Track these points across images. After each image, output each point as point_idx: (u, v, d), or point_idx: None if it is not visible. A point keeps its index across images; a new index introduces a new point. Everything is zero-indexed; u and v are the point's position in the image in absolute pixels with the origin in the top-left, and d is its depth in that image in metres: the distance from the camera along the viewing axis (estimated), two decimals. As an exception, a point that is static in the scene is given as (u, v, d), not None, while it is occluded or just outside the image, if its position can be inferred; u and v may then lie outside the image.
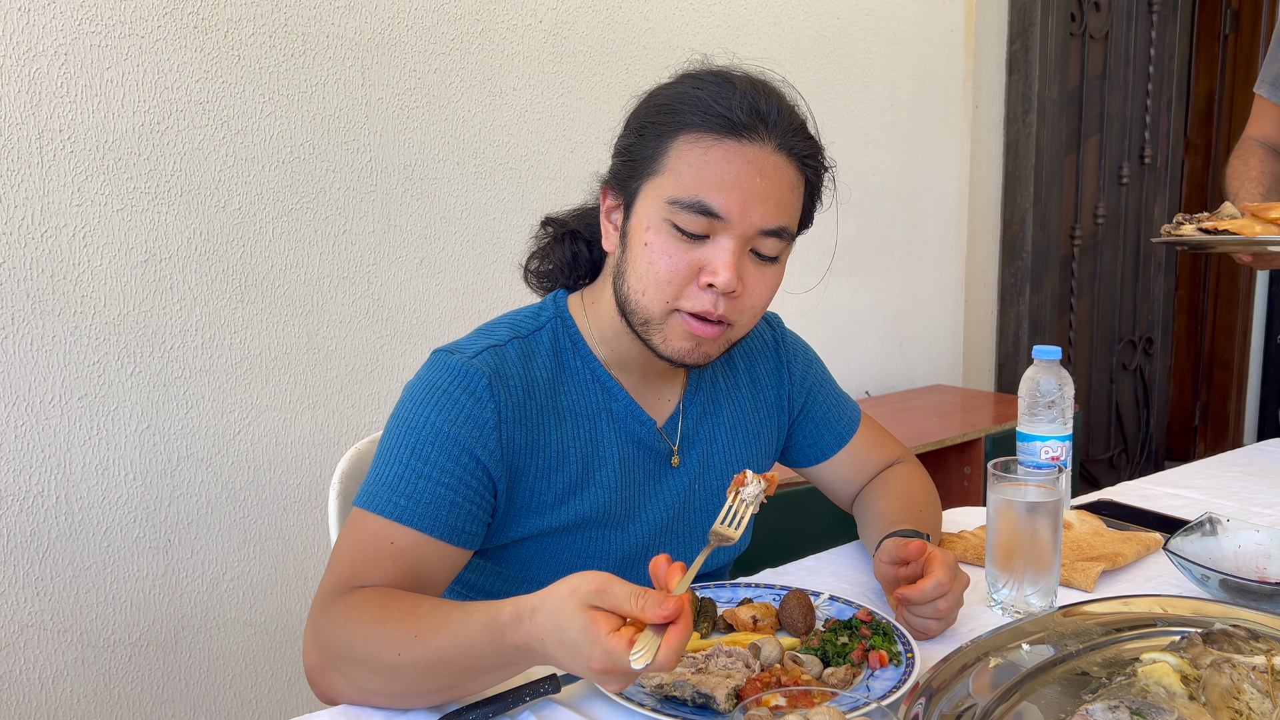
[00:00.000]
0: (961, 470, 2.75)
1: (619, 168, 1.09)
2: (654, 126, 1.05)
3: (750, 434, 1.27)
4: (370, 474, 1.05)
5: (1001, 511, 1.13)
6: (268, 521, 1.97)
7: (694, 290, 1.04)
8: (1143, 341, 4.15)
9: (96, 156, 1.72)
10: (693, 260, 1.03)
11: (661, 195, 1.03)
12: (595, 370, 1.14)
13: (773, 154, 1.04)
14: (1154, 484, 1.66)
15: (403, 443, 1.04)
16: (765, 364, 1.30)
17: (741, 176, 1.02)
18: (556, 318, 1.16)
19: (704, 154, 1.02)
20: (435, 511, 1.02)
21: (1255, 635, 0.97)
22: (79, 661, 1.77)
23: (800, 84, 2.29)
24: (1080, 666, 0.99)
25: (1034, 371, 1.41)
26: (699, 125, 1.03)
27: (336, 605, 0.97)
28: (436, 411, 1.04)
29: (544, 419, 1.10)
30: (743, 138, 1.02)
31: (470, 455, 1.04)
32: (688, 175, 1.02)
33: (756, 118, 1.03)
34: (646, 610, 0.76)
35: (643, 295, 1.05)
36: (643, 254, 1.04)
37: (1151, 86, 3.92)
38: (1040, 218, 3.50)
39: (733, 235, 1.02)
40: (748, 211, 1.02)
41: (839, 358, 3.06)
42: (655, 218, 1.04)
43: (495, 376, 1.06)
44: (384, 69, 2.03)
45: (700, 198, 1.01)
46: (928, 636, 1.08)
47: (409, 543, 1.01)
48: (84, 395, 1.74)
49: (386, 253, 2.07)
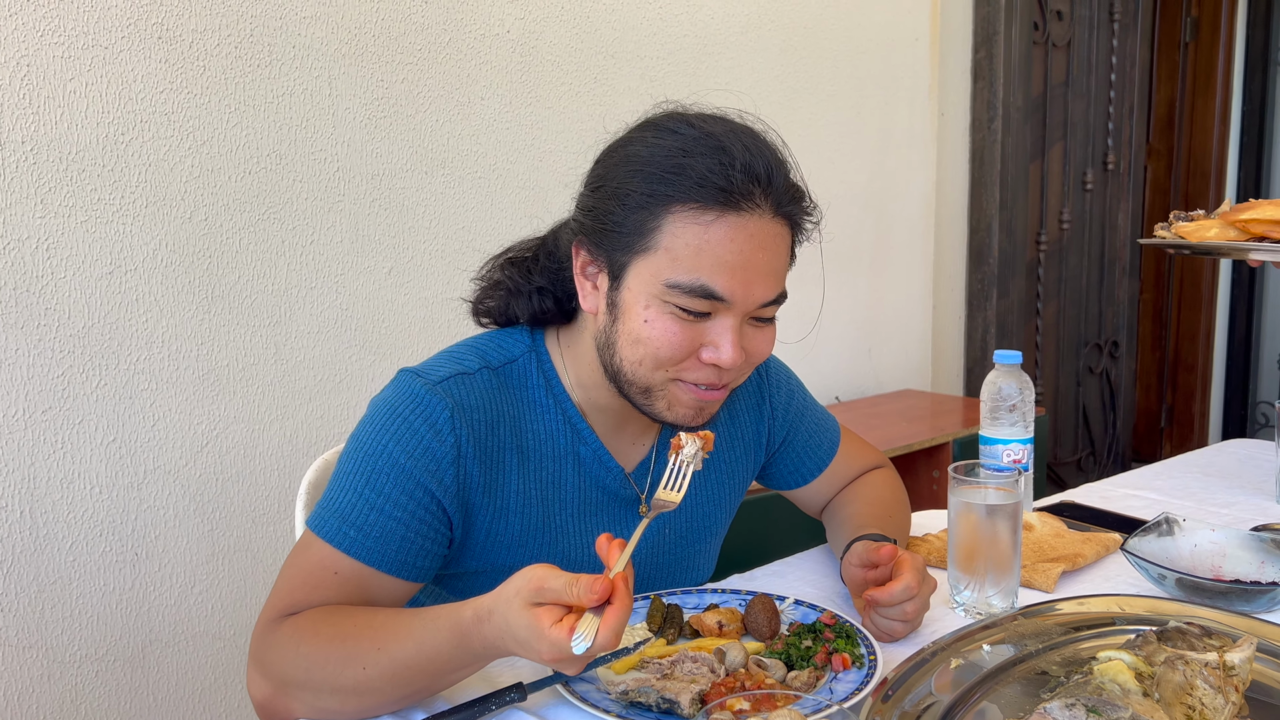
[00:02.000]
0: (930, 474, 2.78)
1: (598, 233, 1.01)
2: (640, 197, 0.98)
3: (723, 474, 1.25)
4: (325, 494, 1.03)
5: (962, 514, 1.15)
6: (236, 534, 1.96)
7: (695, 364, 1.01)
8: (1108, 345, 4.21)
9: (60, 168, 1.70)
10: (694, 336, 0.99)
11: (658, 276, 0.97)
12: (567, 411, 1.10)
13: (770, 222, 0.98)
14: (1115, 485, 1.69)
15: (359, 469, 1.01)
16: (746, 399, 1.27)
17: (744, 254, 0.96)
18: (532, 351, 1.11)
19: (703, 232, 0.95)
20: (384, 546, 0.99)
21: (1209, 632, 0.99)
22: (44, 678, 1.75)
23: (768, 93, 2.31)
24: (1040, 666, 1.00)
25: (995, 376, 1.43)
26: (693, 198, 0.95)
27: (283, 629, 0.96)
28: (394, 441, 1.01)
29: (506, 457, 1.06)
30: (741, 210, 0.96)
31: (425, 490, 1.00)
32: (686, 257, 0.96)
33: (753, 184, 0.97)
34: (581, 597, 0.79)
35: (639, 367, 1.01)
36: (642, 330, 0.99)
37: (1114, 94, 3.98)
38: (1006, 224, 3.55)
39: (735, 314, 0.99)
40: (750, 290, 0.98)
41: (809, 364, 3.08)
42: (653, 298, 0.98)
43: (458, 408, 1.02)
44: (351, 79, 2.03)
45: (703, 282, 0.96)
46: (892, 639, 1.09)
47: (353, 574, 0.99)
48: (48, 409, 1.73)
49: (354, 263, 2.07)
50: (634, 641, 1.02)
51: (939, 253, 3.52)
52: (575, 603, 0.80)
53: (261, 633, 0.98)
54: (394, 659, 0.90)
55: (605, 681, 0.97)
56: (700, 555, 1.25)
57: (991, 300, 3.53)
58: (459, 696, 0.98)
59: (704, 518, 1.23)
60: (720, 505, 1.25)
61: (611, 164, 1.02)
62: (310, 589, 0.99)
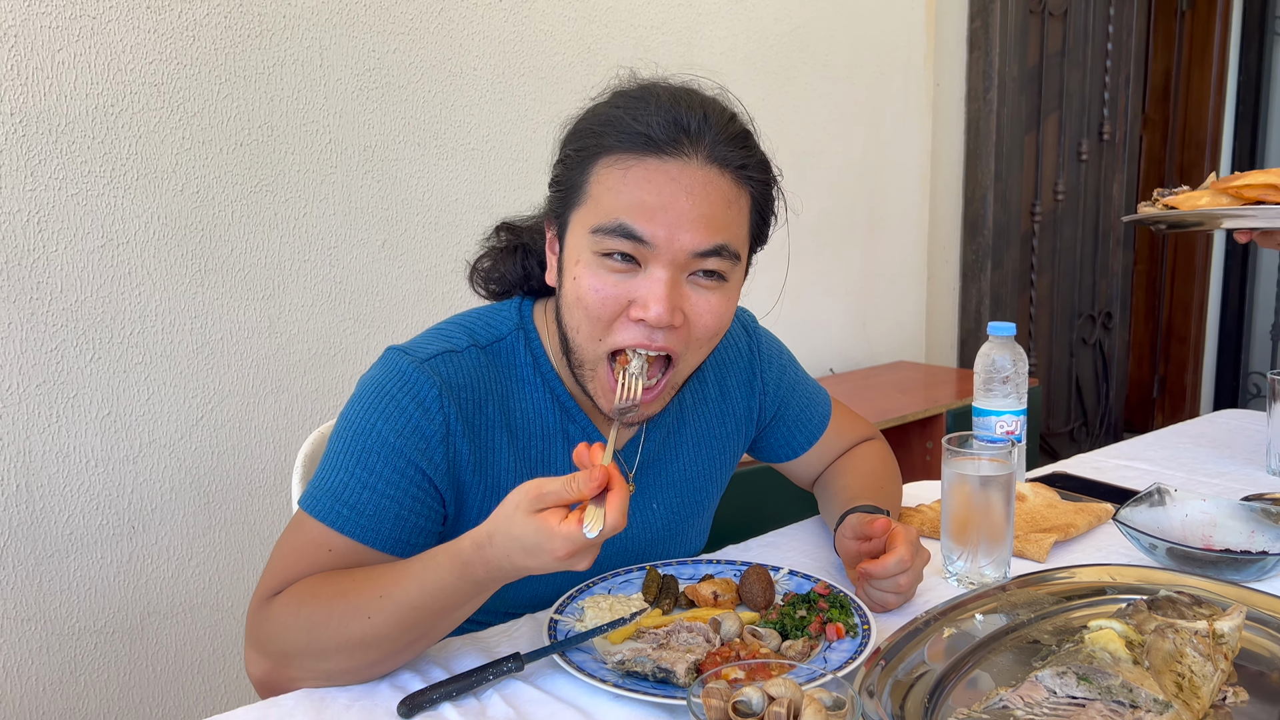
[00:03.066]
0: (924, 445, 2.79)
1: (553, 199, 1.04)
2: (577, 154, 0.99)
3: (714, 449, 1.25)
4: (316, 474, 1.03)
5: (956, 485, 1.15)
6: (232, 507, 1.96)
7: (625, 323, 0.97)
8: (1102, 316, 4.21)
9: (50, 140, 1.69)
10: (622, 293, 0.97)
11: (586, 225, 0.97)
12: (555, 389, 1.10)
13: (700, 168, 0.95)
14: (1107, 456, 1.70)
15: (349, 448, 1.01)
16: (737, 374, 1.26)
17: (665, 196, 0.94)
18: (520, 329, 1.10)
19: (623, 175, 0.95)
20: (378, 524, 0.99)
21: (1198, 601, 1.00)
22: (43, 650, 1.76)
23: (762, 63, 2.29)
24: (1031, 635, 1.01)
25: (989, 347, 1.44)
26: (617, 146, 0.95)
27: (279, 600, 0.97)
28: (383, 420, 1.00)
29: (495, 435, 1.06)
30: (664, 154, 0.94)
31: (415, 468, 1.00)
32: (607, 200, 0.96)
33: (679, 130, 0.95)
34: (582, 489, 0.82)
35: (577, 333, 1.00)
36: (572, 288, 0.99)
37: (1110, 64, 3.96)
38: (1001, 195, 3.54)
39: (663, 263, 0.95)
40: (675, 234, 0.94)
41: (803, 336, 3.09)
42: (583, 249, 0.98)
43: (445, 387, 1.02)
44: (342, 50, 2.01)
45: (621, 220, 0.94)
46: (885, 610, 1.10)
47: (347, 551, 0.99)
48: (42, 382, 1.72)
49: (347, 235, 2.06)
50: (630, 612, 1.03)
51: (933, 224, 3.52)
52: (577, 496, 0.83)
53: (257, 609, 0.98)
54: (399, 602, 0.90)
55: (601, 651, 0.98)
56: (691, 528, 1.26)
57: (986, 272, 3.54)
58: (457, 667, 0.99)
59: (695, 491, 1.23)
60: (711, 479, 1.26)
61: (565, 133, 1.05)
62: (304, 567, 0.99)
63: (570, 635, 1.01)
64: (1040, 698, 0.87)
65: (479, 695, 0.94)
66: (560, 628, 1.03)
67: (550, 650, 0.97)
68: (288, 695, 0.94)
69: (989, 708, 0.88)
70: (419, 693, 0.92)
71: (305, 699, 0.94)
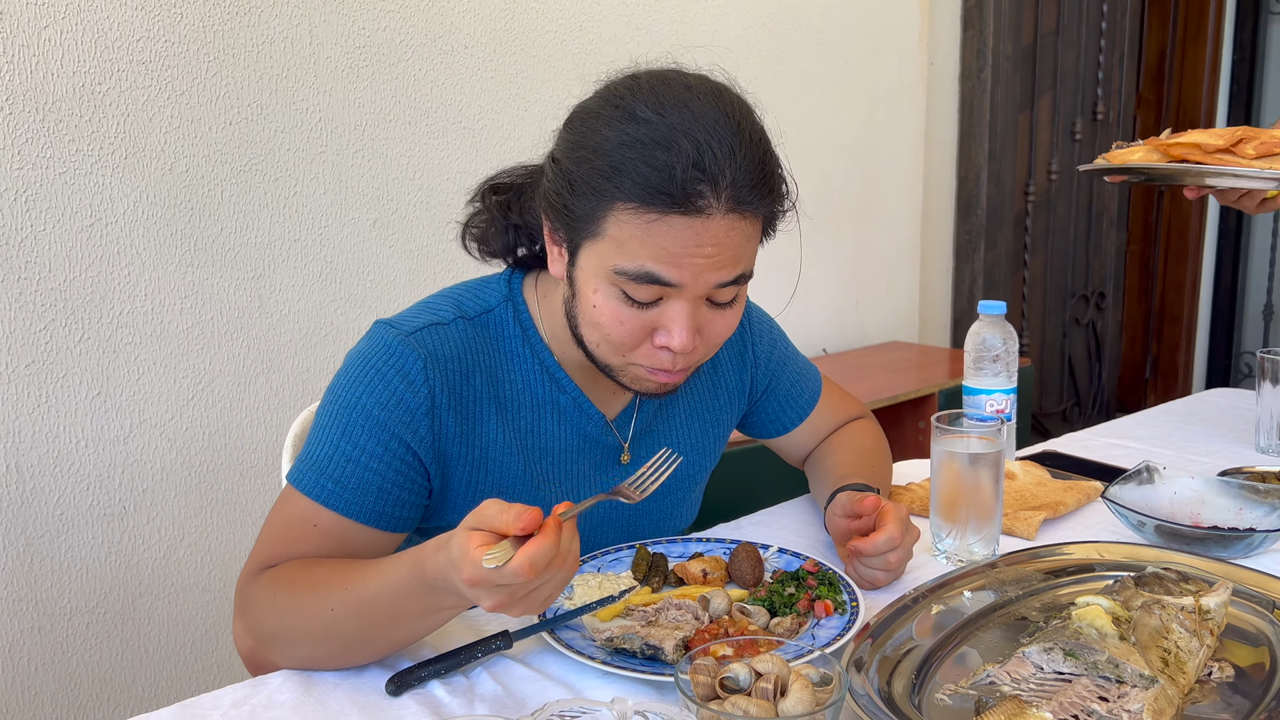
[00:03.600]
0: (916, 425, 2.80)
1: (558, 215, 0.98)
2: (587, 185, 0.94)
3: (707, 422, 1.25)
4: (304, 449, 1.03)
5: (945, 463, 1.16)
6: (224, 487, 1.96)
7: (649, 350, 0.99)
8: (1095, 296, 4.22)
9: (36, 118, 1.68)
10: (646, 322, 0.97)
11: (605, 262, 0.95)
12: (545, 361, 1.10)
13: (723, 218, 0.92)
14: (1097, 435, 1.70)
15: (334, 421, 1.01)
16: (729, 348, 1.27)
17: (690, 248, 0.92)
18: (509, 300, 1.10)
19: (646, 228, 0.91)
20: (362, 497, 0.99)
21: (1185, 578, 1.00)
22: (35, 631, 1.77)
23: (755, 42, 2.28)
24: (1019, 611, 1.02)
25: (979, 326, 1.44)
26: (636, 198, 0.91)
27: (261, 581, 0.97)
28: (368, 392, 1.00)
29: (482, 407, 1.06)
30: (688, 210, 0.91)
31: (400, 441, 1.00)
32: (631, 247, 0.93)
33: (701, 182, 0.90)
34: (508, 523, 0.80)
35: (598, 348, 1.01)
36: (593, 315, 0.98)
37: (1104, 43, 3.95)
38: (995, 174, 3.53)
39: (686, 298, 0.96)
40: (700, 276, 0.94)
41: (796, 316, 3.08)
42: (602, 281, 0.96)
43: (431, 359, 1.02)
44: (332, 27, 1.99)
45: (647, 269, 0.93)
46: (875, 587, 1.11)
47: (333, 526, 0.99)
48: (31, 362, 1.72)
49: (338, 214, 2.05)
50: (619, 590, 1.03)
51: (927, 204, 3.51)
52: (503, 528, 0.80)
53: (243, 586, 0.99)
54: (359, 596, 0.90)
55: (590, 629, 0.99)
56: (682, 503, 1.26)
57: (979, 251, 3.53)
58: (445, 645, 0.99)
59: (686, 465, 1.23)
60: (703, 453, 1.26)
61: (569, 141, 0.98)
62: (291, 542, 0.99)
63: (559, 613, 1.01)
64: (1027, 673, 0.88)
65: (467, 673, 0.94)
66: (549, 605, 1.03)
67: (539, 628, 0.97)
68: (274, 674, 0.95)
69: (976, 683, 0.88)
70: (407, 670, 0.92)
71: (292, 677, 0.94)
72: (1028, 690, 0.86)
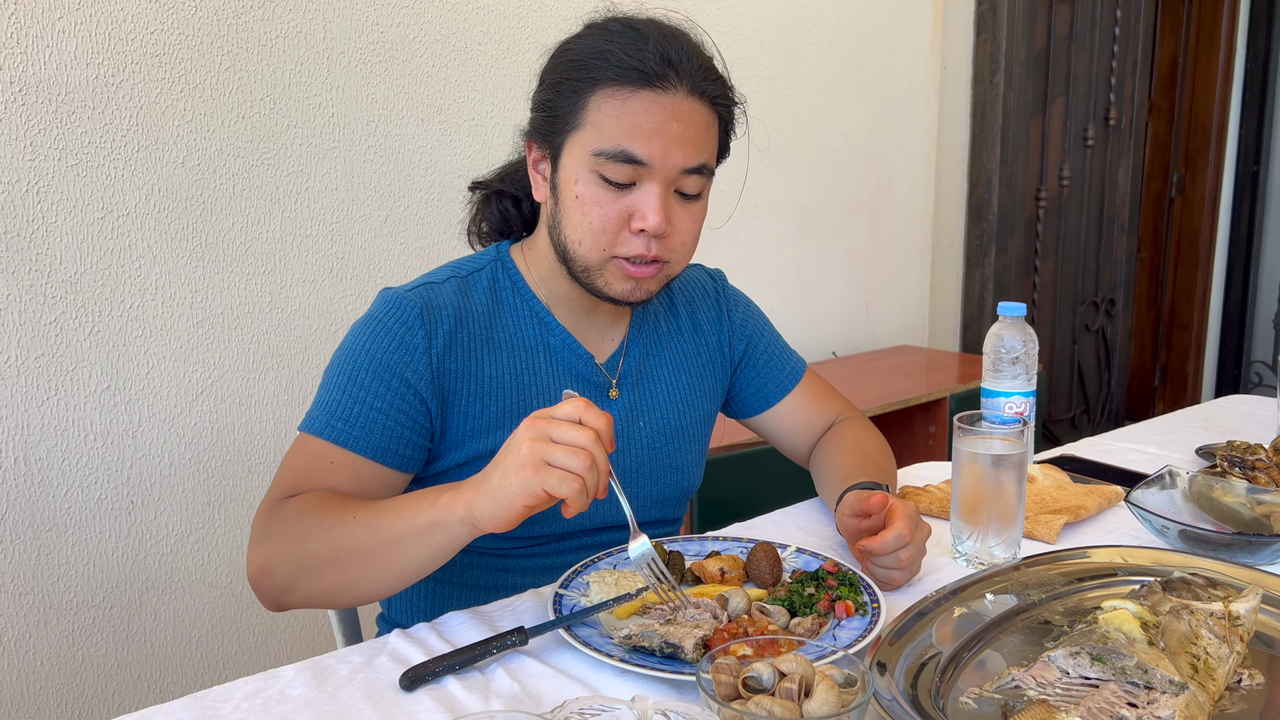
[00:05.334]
0: (926, 429, 2.78)
1: (540, 122, 1.14)
2: (570, 82, 1.10)
3: (694, 376, 1.32)
4: (314, 401, 1.12)
5: (967, 464, 1.14)
6: (232, 482, 1.95)
7: (627, 236, 1.10)
8: (1105, 303, 4.20)
9: (49, 109, 1.67)
10: (623, 208, 1.09)
11: (585, 148, 1.08)
12: (534, 307, 1.20)
13: (686, 99, 1.08)
14: (1114, 440, 1.68)
15: (341, 370, 1.11)
16: (707, 311, 1.36)
17: (659, 123, 1.06)
18: (497, 261, 1.22)
19: (622, 105, 1.06)
20: (369, 434, 1.08)
21: (1213, 583, 0.99)
22: (41, 624, 1.75)
23: (768, 43, 2.27)
24: (1043, 615, 1.00)
25: (999, 328, 1.42)
26: (614, 78, 1.07)
27: (290, 504, 1.04)
28: (371, 340, 1.11)
29: (477, 348, 1.15)
30: (656, 87, 1.07)
31: (401, 379, 1.09)
32: (609, 127, 1.07)
33: (668, 66, 1.07)
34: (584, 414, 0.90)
35: (579, 245, 1.11)
36: (575, 206, 1.10)
37: (1117, 48, 3.93)
38: (1006, 179, 3.52)
39: (657, 179, 1.08)
40: (669, 155, 1.07)
41: (806, 319, 3.07)
42: (582, 170, 1.09)
43: (427, 307, 1.12)
44: (346, 22, 1.98)
45: (623, 147, 1.06)
46: (893, 587, 1.09)
47: (347, 463, 1.08)
48: (41, 355, 1.71)
49: (349, 210, 2.04)
50: (636, 588, 1.02)
51: (938, 208, 3.50)
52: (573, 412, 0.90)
53: (266, 511, 1.05)
54: (379, 510, 0.98)
55: (607, 626, 0.97)
56: (681, 455, 1.29)
57: (990, 256, 3.52)
58: (459, 640, 0.98)
59: (679, 415, 1.29)
60: (693, 405, 1.30)
61: (549, 62, 1.15)
62: (313, 476, 1.07)
63: (575, 610, 0.99)
64: (1053, 678, 0.86)
65: (483, 669, 0.92)
66: (565, 603, 1.02)
67: (555, 625, 0.96)
68: (288, 667, 0.93)
69: (1001, 687, 0.87)
70: (421, 665, 0.90)
71: (306, 670, 0.92)
72: (1054, 695, 0.84)
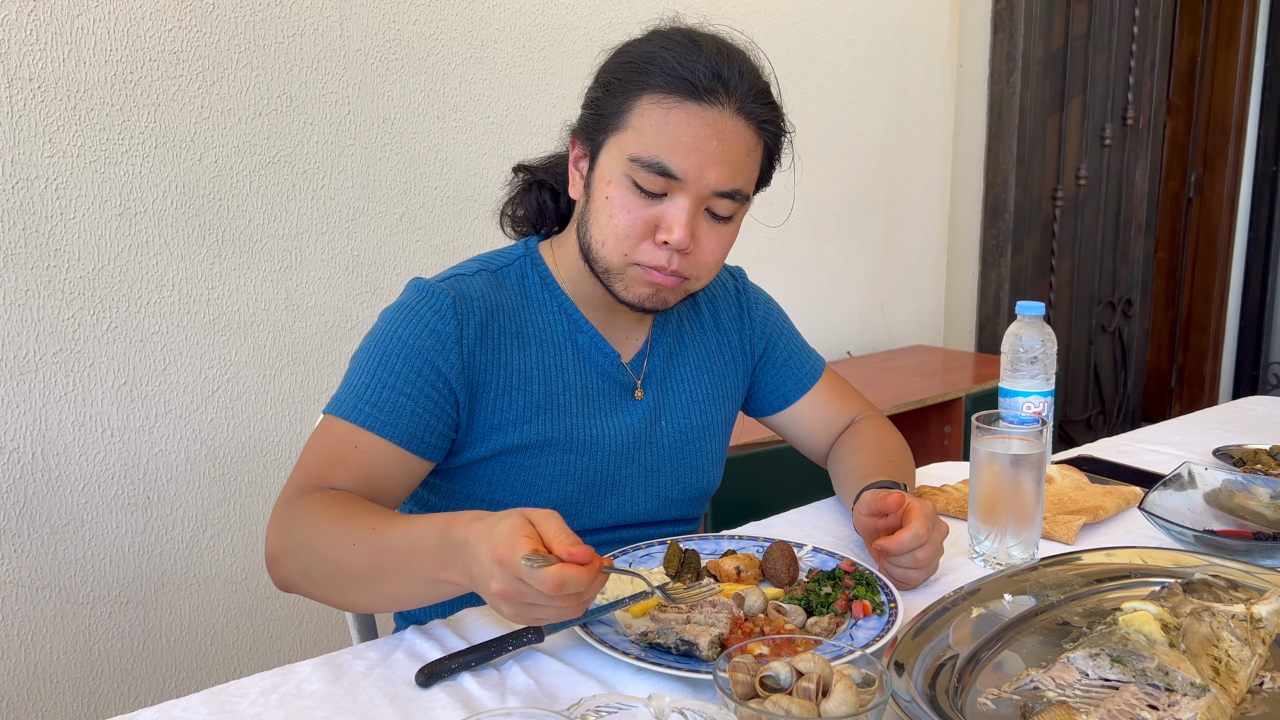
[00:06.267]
0: (942, 429, 2.77)
1: (587, 119, 1.13)
2: (620, 83, 1.08)
3: (716, 375, 1.31)
4: (341, 385, 1.11)
5: (985, 464, 1.13)
6: (247, 479, 1.95)
7: (649, 246, 1.08)
8: (1122, 303, 4.17)
9: (68, 106, 1.68)
10: (650, 217, 1.07)
11: (624, 151, 1.07)
12: (562, 303, 1.19)
13: (731, 118, 1.06)
14: (1133, 440, 1.67)
15: (371, 355, 1.10)
16: (728, 309, 1.35)
17: (699, 139, 1.05)
18: (526, 257, 1.21)
19: (665, 115, 1.05)
20: (397, 419, 1.07)
21: (1235, 585, 0.98)
22: (58, 618, 1.76)
23: (784, 41, 2.26)
24: (1061, 616, 0.99)
25: (1017, 327, 1.41)
26: (662, 86, 1.05)
27: (304, 500, 1.02)
28: (404, 326, 1.10)
29: (507, 341, 1.15)
30: (703, 101, 1.05)
31: (432, 367, 1.09)
32: (649, 135, 1.05)
33: (718, 81, 1.05)
34: (563, 543, 0.81)
35: (602, 246, 1.10)
36: (604, 206, 1.09)
37: (1135, 47, 3.90)
38: (1023, 179, 3.50)
39: (688, 195, 1.06)
40: (704, 173, 1.05)
41: (821, 318, 3.06)
42: (617, 172, 1.08)
43: (459, 298, 1.12)
44: (363, 20, 1.99)
45: (659, 158, 1.05)
46: (910, 586, 1.09)
47: (371, 447, 1.06)
48: (59, 350, 1.71)
49: (365, 208, 2.04)
50: (652, 585, 1.01)
51: (954, 207, 3.48)
52: (553, 544, 0.81)
53: (286, 501, 1.03)
54: (380, 540, 0.94)
55: (623, 624, 0.97)
56: (702, 455, 1.29)
57: (1006, 256, 3.50)
58: (477, 637, 0.98)
59: (701, 414, 1.28)
60: (715, 404, 1.30)
61: (608, 60, 1.13)
62: (335, 463, 1.05)
63: (591, 608, 0.99)
64: (1072, 679, 0.85)
65: (499, 666, 0.92)
66: (581, 601, 1.01)
67: (571, 622, 0.96)
68: (305, 662, 0.93)
69: (1020, 688, 0.86)
70: (437, 662, 0.90)
71: (322, 666, 0.93)
72: (1074, 697, 0.83)
